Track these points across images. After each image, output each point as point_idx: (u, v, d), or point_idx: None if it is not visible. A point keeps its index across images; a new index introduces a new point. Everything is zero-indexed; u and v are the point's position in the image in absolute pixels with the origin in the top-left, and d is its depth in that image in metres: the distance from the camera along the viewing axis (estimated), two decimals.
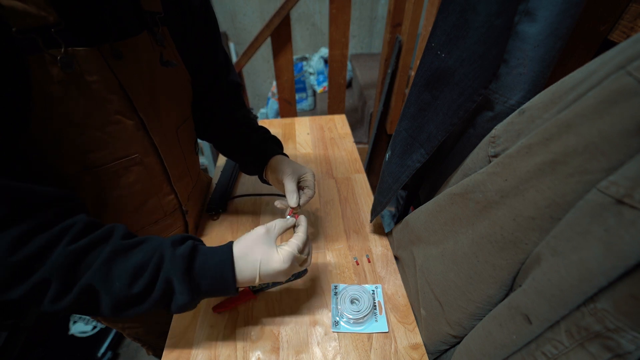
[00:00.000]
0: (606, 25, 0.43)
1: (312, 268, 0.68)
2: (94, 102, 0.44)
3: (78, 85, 0.41)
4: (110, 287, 0.40)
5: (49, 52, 0.37)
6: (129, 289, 0.40)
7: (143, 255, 0.41)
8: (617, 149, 0.25)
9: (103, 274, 0.39)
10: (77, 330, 1.41)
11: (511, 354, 0.35)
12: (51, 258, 0.37)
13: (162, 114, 0.55)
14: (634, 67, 0.23)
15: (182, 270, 0.42)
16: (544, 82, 0.39)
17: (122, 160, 0.50)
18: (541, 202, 0.31)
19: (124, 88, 0.46)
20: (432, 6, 1.17)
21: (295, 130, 1.10)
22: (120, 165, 0.50)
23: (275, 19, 1.27)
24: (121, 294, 0.40)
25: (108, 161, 0.48)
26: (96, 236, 0.40)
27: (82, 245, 0.39)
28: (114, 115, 0.46)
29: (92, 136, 0.45)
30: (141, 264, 0.41)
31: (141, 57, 0.49)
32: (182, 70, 0.59)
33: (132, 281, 0.40)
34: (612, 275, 0.24)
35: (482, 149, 0.42)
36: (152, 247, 0.43)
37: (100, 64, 0.43)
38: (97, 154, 0.47)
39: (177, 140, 0.61)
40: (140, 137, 0.52)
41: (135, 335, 0.80)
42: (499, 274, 0.37)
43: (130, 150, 0.51)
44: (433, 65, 0.45)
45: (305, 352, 0.55)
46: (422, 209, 0.55)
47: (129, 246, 0.42)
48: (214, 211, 0.80)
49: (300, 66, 2.23)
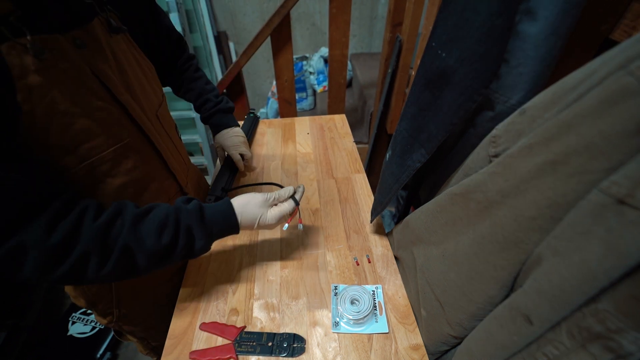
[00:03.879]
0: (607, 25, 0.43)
1: (312, 268, 0.68)
2: (75, 88, 0.45)
3: (55, 73, 0.42)
4: (143, 244, 0.46)
5: (16, 40, 0.38)
6: (159, 241, 0.47)
7: (161, 214, 0.48)
8: (618, 149, 0.25)
9: (133, 235, 0.45)
10: (75, 331, 1.41)
11: (512, 354, 0.35)
12: (82, 236, 0.41)
13: (140, 98, 0.57)
14: (635, 66, 0.23)
15: (198, 218, 0.50)
16: (545, 81, 0.39)
17: (116, 147, 0.51)
18: (542, 202, 0.31)
19: (96, 75, 0.48)
20: (432, 6, 1.17)
21: (295, 130, 1.10)
22: (115, 153, 0.51)
23: (275, 19, 1.27)
24: (154, 248, 0.46)
25: (102, 149, 0.49)
26: (112, 211, 0.45)
27: (104, 219, 0.44)
28: (96, 102, 0.48)
29: (82, 124, 0.46)
30: (163, 221, 0.47)
31: (102, 44, 0.50)
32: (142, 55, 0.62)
33: (160, 234, 0.47)
34: (613, 275, 0.24)
35: (482, 148, 0.42)
36: (166, 208, 0.49)
37: (68, 51, 0.44)
38: (91, 144, 0.48)
39: (160, 123, 0.64)
40: (127, 123, 0.53)
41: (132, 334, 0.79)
42: (500, 274, 0.37)
43: (121, 136, 0.52)
44: (433, 64, 0.45)
45: (305, 352, 0.55)
46: (422, 209, 0.55)
47: (144, 211, 0.48)
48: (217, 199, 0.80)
49: (300, 66, 2.22)
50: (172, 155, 0.66)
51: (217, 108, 0.88)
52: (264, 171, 0.94)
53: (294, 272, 0.67)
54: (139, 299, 0.69)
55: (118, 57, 0.53)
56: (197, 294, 0.64)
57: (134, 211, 0.47)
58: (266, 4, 2.30)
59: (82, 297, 0.62)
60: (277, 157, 0.99)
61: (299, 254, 0.71)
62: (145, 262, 0.47)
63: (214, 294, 0.64)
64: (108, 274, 0.44)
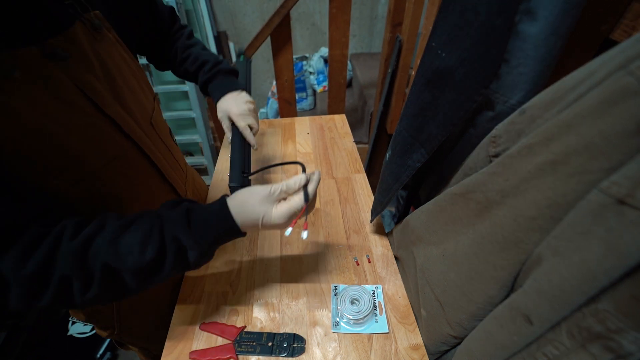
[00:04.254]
0: (607, 25, 0.43)
1: (312, 268, 0.68)
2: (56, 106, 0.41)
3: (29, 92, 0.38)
4: (125, 261, 0.40)
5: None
6: (143, 257, 0.41)
7: (144, 226, 0.42)
8: (618, 149, 0.25)
9: (113, 252, 0.40)
10: (75, 331, 1.41)
11: (512, 354, 0.35)
12: (59, 258, 0.38)
13: (132, 108, 0.53)
14: (635, 66, 0.23)
15: (184, 227, 0.43)
16: (545, 81, 0.39)
17: (108, 164, 0.48)
18: (542, 202, 0.31)
19: (80, 88, 0.44)
20: (432, 6, 1.17)
21: (295, 130, 1.10)
22: (107, 170, 0.49)
23: (275, 19, 1.27)
24: (138, 265, 0.41)
25: (93, 168, 0.47)
26: (92, 227, 0.41)
27: (82, 237, 0.39)
28: (83, 118, 0.44)
29: (68, 145, 0.43)
30: (145, 233, 0.42)
31: (86, 50, 0.46)
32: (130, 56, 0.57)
33: (142, 249, 0.41)
34: (613, 275, 0.24)
35: (482, 148, 0.42)
36: (149, 217, 0.43)
37: (45, 65, 0.40)
38: (80, 163, 0.45)
39: (155, 131, 0.60)
40: (119, 137, 0.50)
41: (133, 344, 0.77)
42: (500, 274, 0.37)
43: (113, 152, 0.49)
44: (433, 64, 0.45)
45: (305, 352, 0.55)
46: (422, 209, 0.55)
47: (126, 223, 0.42)
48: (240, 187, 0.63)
49: (300, 66, 2.22)
50: (168, 163, 0.63)
51: (217, 69, 0.74)
52: (264, 171, 0.94)
53: (294, 272, 0.67)
54: (140, 312, 0.66)
55: (105, 63, 0.49)
56: (197, 294, 0.64)
57: (114, 225, 0.42)
58: (266, 4, 2.30)
59: (81, 311, 0.61)
60: (277, 157, 0.99)
61: (299, 254, 0.71)
62: (134, 280, 0.42)
63: (214, 294, 0.64)
64: (97, 296, 0.40)
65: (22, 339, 1.34)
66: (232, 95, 0.73)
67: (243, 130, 0.71)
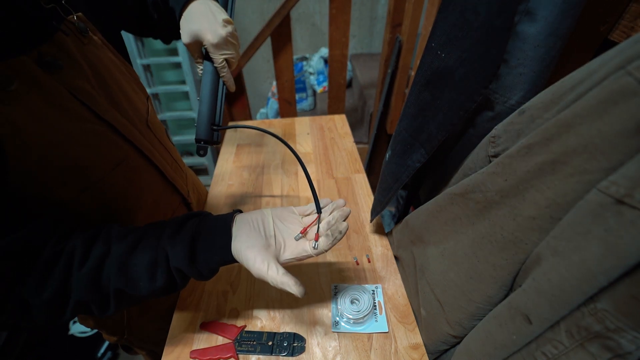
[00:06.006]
0: (606, 25, 0.43)
1: (312, 268, 0.68)
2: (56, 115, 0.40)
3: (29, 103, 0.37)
4: (137, 286, 0.41)
5: None
6: (153, 284, 0.42)
7: (149, 254, 0.42)
8: (617, 149, 0.25)
9: (124, 279, 0.41)
10: (76, 330, 1.41)
11: (511, 354, 0.35)
12: (73, 288, 0.39)
13: (128, 111, 0.53)
14: (634, 67, 0.23)
15: (187, 262, 0.42)
16: (544, 82, 0.39)
17: (113, 169, 0.48)
18: (541, 202, 0.31)
19: (74, 95, 0.43)
20: (432, 6, 1.17)
21: (295, 130, 1.10)
22: (112, 176, 0.48)
23: (275, 19, 1.27)
24: (149, 289, 0.42)
25: (99, 175, 0.46)
26: (98, 249, 0.41)
27: (89, 266, 0.40)
28: (82, 125, 0.43)
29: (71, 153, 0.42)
30: (152, 262, 0.42)
31: (76, 56, 0.44)
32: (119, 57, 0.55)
33: (151, 278, 0.42)
34: (612, 275, 0.24)
35: (482, 148, 0.42)
36: (153, 244, 0.42)
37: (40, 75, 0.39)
38: (94, 168, 0.45)
39: (152, 133, 0.60)
40: (119, 141, 0.49)
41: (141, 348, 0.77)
42: (499, 274, 0.37)
43: (116, 157, 0.49)
44: (433, 65, 0.45)
45: (305, 352, 0.55)
46: (422, 209, 0.55)
47: (132, 243, 0.42)
48: (205, 143, 0.55)
49: (300, 66, 2.23)
50: (168, 164, 0.63)
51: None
52: (264, 171, 0.94)
53: (294, 272, 0.67)
54: (149, 315, 0.67)
55: (95, 67, 0.47)
56: (197, 294, 0.64)
57: (120, 247, 0.41)
58: (266, 5, 2.30)
59: (90, 318, 0.61)
60: (277, 157, 0.99)
61: None
62: (147, 297, 0.43)
63: (214, 294, 0.64)
64: (117, 310, 0.43)
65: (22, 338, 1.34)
66: (199, 7, 0.52)
67: (220, 69, 0.54)
